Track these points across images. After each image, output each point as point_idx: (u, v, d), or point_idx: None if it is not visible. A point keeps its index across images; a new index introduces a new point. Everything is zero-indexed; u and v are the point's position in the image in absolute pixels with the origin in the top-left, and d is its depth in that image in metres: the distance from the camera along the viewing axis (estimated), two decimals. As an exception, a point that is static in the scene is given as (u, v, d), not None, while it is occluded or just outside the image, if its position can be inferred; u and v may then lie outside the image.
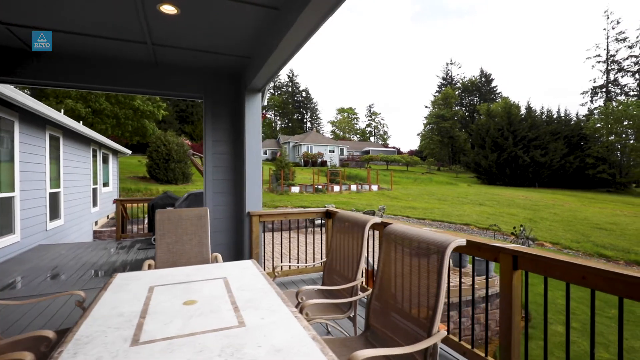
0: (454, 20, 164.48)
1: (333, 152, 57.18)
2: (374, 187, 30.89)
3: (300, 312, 2.05)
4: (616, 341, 6.33)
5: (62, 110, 12.38)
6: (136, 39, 3.45)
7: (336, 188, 28.93)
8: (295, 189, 26.48)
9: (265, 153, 63.22)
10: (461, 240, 1.66)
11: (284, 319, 1.60)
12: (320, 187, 27.89)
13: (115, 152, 14.35)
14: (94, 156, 11.13)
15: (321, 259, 3.70)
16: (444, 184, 40.63)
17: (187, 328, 1.50)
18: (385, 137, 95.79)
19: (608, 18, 73.85)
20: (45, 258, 5.73)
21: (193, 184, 26.67)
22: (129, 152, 14.89)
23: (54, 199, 7.58)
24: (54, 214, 7.60)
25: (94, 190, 10.99)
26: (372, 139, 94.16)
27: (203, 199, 4.62)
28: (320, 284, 2.96)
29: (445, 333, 1.63)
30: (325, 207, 4.89)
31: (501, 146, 47.18)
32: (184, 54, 3.97)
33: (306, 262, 5.92)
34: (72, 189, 8.74)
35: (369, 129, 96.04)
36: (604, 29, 70.46)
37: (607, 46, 64.45)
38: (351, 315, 2.48)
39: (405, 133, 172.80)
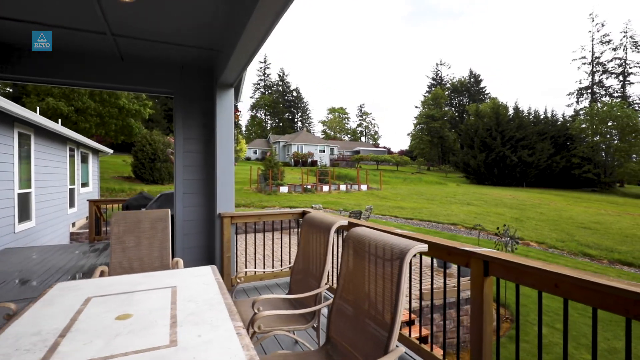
0: (444, 21, 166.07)
1: (323, 151, 57.05)
2: (364, 187, 30.84)
3: (251, 325, 1.87)
4: (600, 342, 6.28)
5: (38, 109, 11.94)
6: (94, 28, 3.22)
7: (325, 188, 28.77)
8: (284, 189, 26.24)
9: (255, 153, 62.78)
10: (422, 246, 1.50)
11: (224, 336, 1.42)
12: (309, 187, 27.70)
13: (96, 152, 13.94)
14: (72, 155, 10.76)
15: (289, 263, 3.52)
16: (433, 183, 40.82)
17: (107, 349, 1.31)
18: (376, 137, 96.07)
19: (593, 21, 75.30)
20: (10, 262, 5.43)
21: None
22: (110, 151, 14.49)
23: (24, 200, 7.24)
24: (24, 215, 7.26)
25: (71, 190, 10.62)
26: (363, 138, 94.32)
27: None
28: (288, 291, 2.78)
29: (403, 350, 1.46)
30: (312, 206, 4.71)
31: (489, 146, 47.65)
32: (150, 47, 3.75)
33: (282, 266, 5.73)
34: (46, 189, 8.39)
35: (359, 128, 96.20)
36: (589, 31, 71.77)
37: (593, 48, 65.71)
38: (315, 325, 2.31)
39: (396, 133, 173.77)
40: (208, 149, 4.41)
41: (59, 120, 14.13)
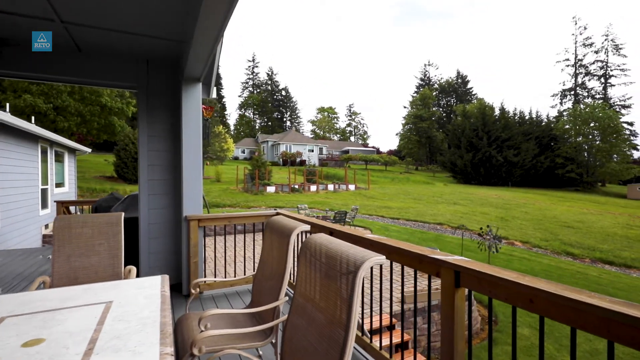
0: (433, 23, 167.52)
1: (312, 151, 56.82)
2: (352, 187, 30.74)
3: (193, 346, 1.65)
4: (582, 343, 6.23)
5: (8, 106, 11.41)
6: (39, 14, 2.93)
7: (313, 188, 28.56)
8: (271, 189, 25.93)
9: (243, 152, 62.17)
10: (378, 258, 1.30)
11: (143, 367, 1.20)
12: (296, 186, 27.46)
13: (73, 151, 13.42)
14: (44, 154, 10.29)
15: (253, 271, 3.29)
16: (420, 183, 41.02)
17: (-9, 389, 1.07)
18: (365, 136, 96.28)
19: (576, 24, 76.96)
20: (-36, 269, 5.06)
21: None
22: (88, 150, 13.99)
23: (-14, 201, 6.83)
24: (-13, 217, 6.85)
25: (44, 191, 10.15)
26: (352, 138, 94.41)
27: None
28: (250, 301, 2.56)
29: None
30: (297, 207, 4.48)
31: (476, 146, 48.16)
32: (110, 37, 3.47)
33: (245, 274, 5.46)
34: (12, 189, 7.96)
35: (349, 128, 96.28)
36: (573, 34, 73.44)
37: (576, 51, 67.12)
38: (274, 341, 2.09)
39: (385, 133, 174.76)
40: (175, 148, 4.15)
41: (32, 119, 13.55)
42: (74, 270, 2.56)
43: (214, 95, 4.83)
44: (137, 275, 4.15)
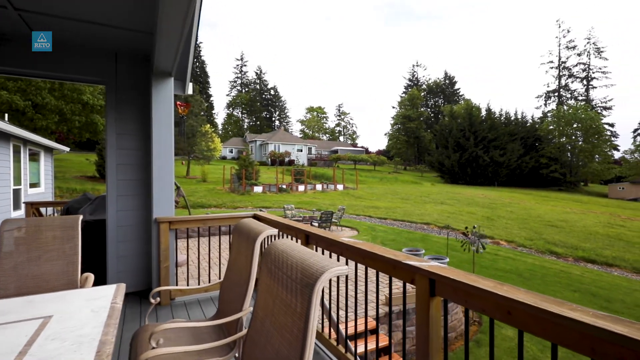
0: (421, 24, 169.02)
1: (301, 151, 56.61)
2: (340, 187, 30.66)
3: (137, 367, 1.47)
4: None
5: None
6: (-11, 0, 2.70)
7: (301, 187, 28.38)
8: (258, 189, 25.65)
9: (231, 152, 61.52)
10: (338, 269, 1.15)
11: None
12: (284, 186, 27.23)
13: (49, 150, 12.94)
14: (17, 153, 9.86)
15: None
16: (408, 183, 41.23)
17: None
18: (354, 136, 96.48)
19: (560, 27, 78.70)
20: None
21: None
22: (66, 149, 13.52)
23: (-50, 202, 6.45)
24: (-50, 220, 6.46)
25: (16, 191, 9.73)
26: (341, 138, 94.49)
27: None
28: (217, 310, 2.39)
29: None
30: (284, 207, 4.30)
31: (463, 146, 48.70)
32: (73, 27, 3.25)
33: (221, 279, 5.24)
34: (-20, 190, 7.57)
35: (338, 128, 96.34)
36: (556, 37, 74.98)
37: (559, 53, 68.58)
38: (237, 355, 1.93)
39: (374, 133, 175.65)
40: (147, 146, 3.93)
41: (6, 116, 13.01)
42: (23, 279, 2.35)
43: (189, 91, 4.62)
44: (103, 282, 3.93)
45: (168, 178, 3.74)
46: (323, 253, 2.70)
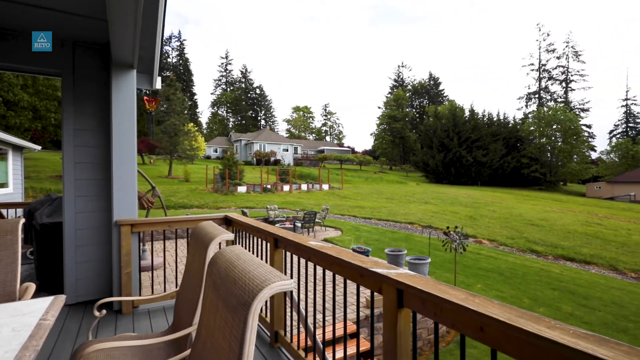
0: (407, 25, 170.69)
1: (287, 150, 56.22)
2: (325, 187, 30.52)
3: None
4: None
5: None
6: None
7: (286, 187, 28.11)
8: (242, 189, 25.25)
9: (216, 151, 60.62)
10: (281, 285, 0.97)
11: None
12: (269, 186, 26.91)
13: (19, 148, 12.32)
14: (-19, 151, 9.31)
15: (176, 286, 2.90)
16: (394, 183, 41.46)
17: None
18: (340, 136, 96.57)
19: (540, 30, 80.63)
20: None
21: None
22: (37, 147, 12.89)
23: None
24: None
25: (-20, 192, 9.19)
26: (327, 138, 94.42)
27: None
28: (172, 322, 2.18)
29: None
30: (267, 207, 4.07)
31: (447, 146, 49.30)
32: (23, 13, 2.97)
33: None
34: (-64, 191, 7.06)
35: (324, 128, 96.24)
36: (537, 40, 76.73)
37: (540, 56, 70.29)
38: (187, 376, 1.72)
39: (360, 133, 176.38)
40: (108, 143, 3.67)
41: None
42: (-50, 290, 2.08)
43: (158, 85, 4.37)
44: (60, 290, 3.65)
45: (130, 177, 3.48)
46: (292, 258, 2.53)
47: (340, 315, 6.00)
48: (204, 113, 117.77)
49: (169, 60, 71.28)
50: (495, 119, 54.28)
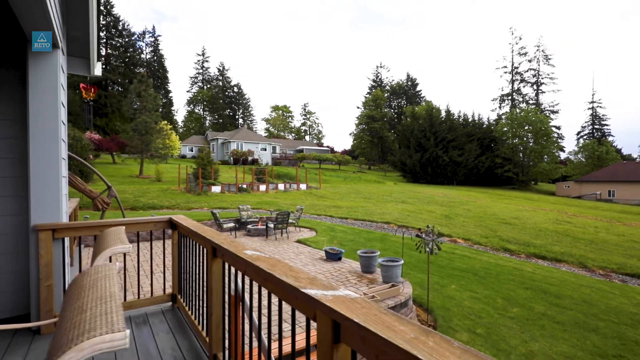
0: (386, 27, 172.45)
1: (265, 150, 55.39)
2: (303, 186, 30.12)
3: None
4: (518, 346, 6.08)
5: None
6: None
7: (262, 187, 27.52)
8: (216, 189, 24.47)
9: (191, 150, 59.03)
10: (99, 344, 0.58)
11: None
12: (244, 186, 26.24)
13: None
14: None
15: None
16: (372, 182, 41.56)
17: None
18: (319, 136, 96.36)
19: (512, 34, 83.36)
20: None
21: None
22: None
23: None
24: None
25: None
26: (307, 137, 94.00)
27: None
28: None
29: None
30: (239, 207, 3.62)
31: (424, 146, 49.96)
32: None
33: (152, 294, 4.60)
34: None
35: (304, 127, 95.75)
36: (510, 43, 79.16)
37: (512, 59, 72.51)
38: None
39: (339, 133, 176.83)
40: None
41: None
42: None
43: (97, 72, 3.86)
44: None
45: (53, 173, 2.98)
46: (230, 269, 2.14)
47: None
48: (180, 111, 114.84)
49: (143, 56, 68.86)
50: (470, 120, 55.52)
